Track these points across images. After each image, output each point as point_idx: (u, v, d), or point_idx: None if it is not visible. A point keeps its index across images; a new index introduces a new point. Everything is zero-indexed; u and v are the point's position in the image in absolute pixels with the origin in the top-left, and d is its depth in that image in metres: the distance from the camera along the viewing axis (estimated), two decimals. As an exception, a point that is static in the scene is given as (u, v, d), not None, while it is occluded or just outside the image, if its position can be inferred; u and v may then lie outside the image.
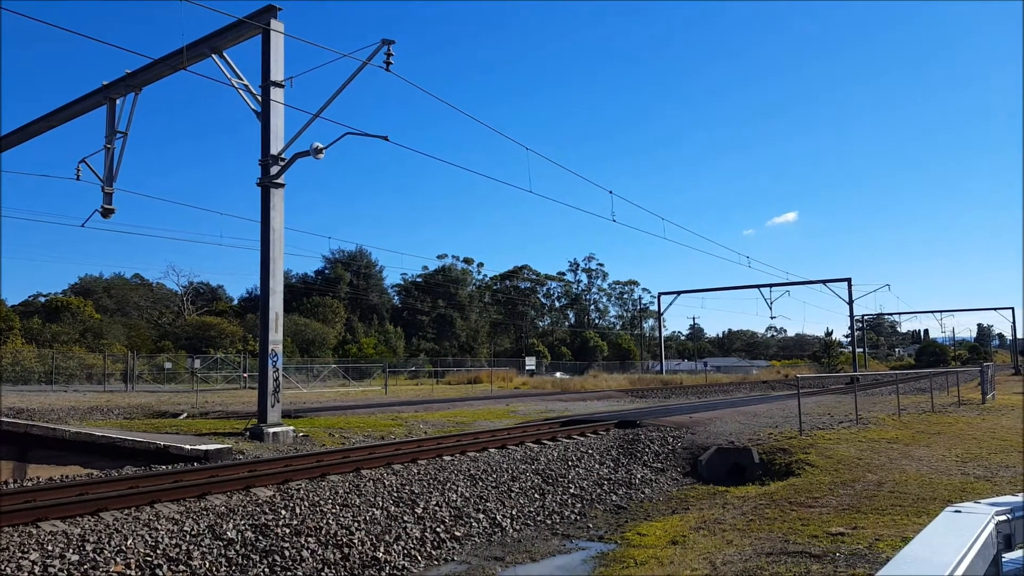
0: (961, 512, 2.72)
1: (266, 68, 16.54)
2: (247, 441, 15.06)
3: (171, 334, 54.45)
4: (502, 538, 9.96)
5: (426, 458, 12.30)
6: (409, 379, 54.18)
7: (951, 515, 2.68)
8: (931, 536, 2.37)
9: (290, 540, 8.19)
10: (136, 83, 19.03)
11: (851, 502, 9.71)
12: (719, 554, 7.59)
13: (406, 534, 9.16)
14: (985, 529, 2.49)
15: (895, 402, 22.69)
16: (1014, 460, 12.63)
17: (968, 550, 2.21)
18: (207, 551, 7.56)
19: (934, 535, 2.39)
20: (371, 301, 74.94)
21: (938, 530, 2.47)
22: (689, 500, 11.96)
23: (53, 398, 29.22)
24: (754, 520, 9.16)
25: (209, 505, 8.74)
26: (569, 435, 15.64)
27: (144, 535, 7.55)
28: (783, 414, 20.46)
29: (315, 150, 15.81)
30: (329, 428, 17.86)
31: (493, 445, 13.85)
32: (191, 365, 43.65)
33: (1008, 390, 36.26)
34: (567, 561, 8.96)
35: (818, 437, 15.50)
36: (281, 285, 16.66)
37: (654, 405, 28.23)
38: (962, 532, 2.40)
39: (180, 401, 27.88)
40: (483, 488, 11.18)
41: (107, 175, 19.31)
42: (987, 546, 2.46)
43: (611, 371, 67.81)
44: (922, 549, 2.18)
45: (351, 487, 10.10)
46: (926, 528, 2.49)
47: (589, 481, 12.88)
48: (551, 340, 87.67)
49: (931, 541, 2.30)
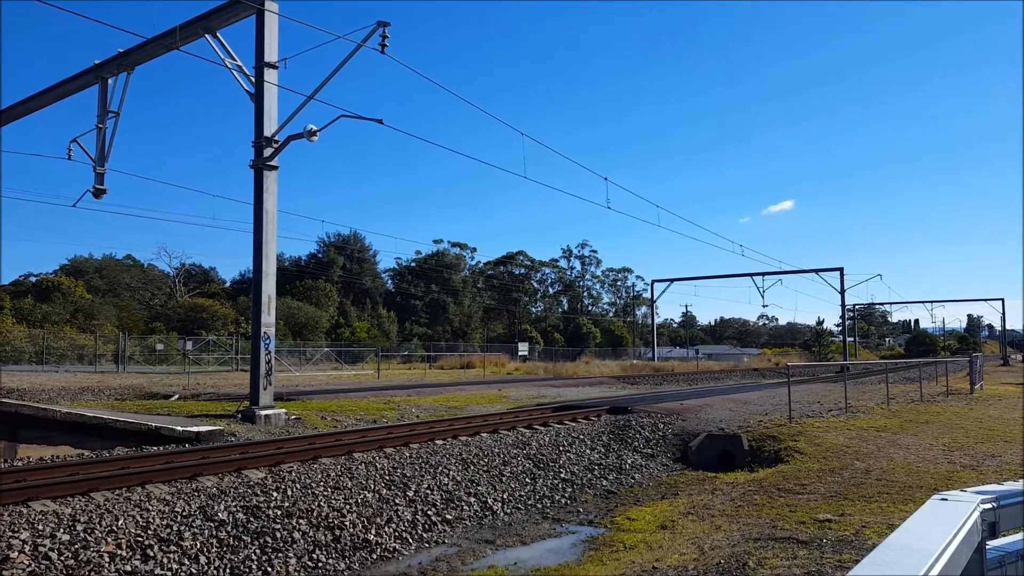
0: (947, 500, 2.74)
1: (260, 49, 16.40)
2: (239, 423, 15.07)
3: (163, 316, 54.28)
4: (493, 521, 10.02)
5: (418, 442, 12.33)
6: (402, 363, 54.21)
7: (937, 503, 2.71)
8: (917, 523, 2.40)
9: (281, 522, 8.22)
10: (128, 63, 18.85)
11: (839, 489, 9.80)
12: (707, 539, 7.65)
13: (397, 517, 9.20)
14: (970, 517, 2.52)
15: (884, 391, 22.86)
16: (1000, 449, 12.76)
17: (953, 537, 2.23)
18: (198, 532, 7.58)
19: (920, 522, 2.41)
20: (364, 285, 74.83)
21: (924, 517, 2.50)
22: (679, 486, 12.05)
23: (44, 378, 29.14)
24: (742, 506, 9.24)
25: (200, 486, 8.75)
26: (561, 420, 15.70)
27: (135, 515, 7.56)
28: (773, 402, 20.58)
29: (309, 132, 15.71)
30: (321, 411, 17.87)
31: (485, 430, 13.90)
32: (183, 347, 43.53)
33: (996, 380, 36.55)
34: (557, 544, 9.02)
35: (807, 425, 15.62)
36: (274, 268, 16.61)
37: (645, 391, 28.35)
38: (948, 520, 2.43)
39: (172, 383, 27.84)
40: (474, 472, 11.23)
41: (99, 155, 19.16)
42: (972, 533, 2.49)
43: (603, 357, 68.00)
44: (908, 536, 2.20)
45: (343, 470, 10.13)
46: (912, 515, 2.52)
47: (580, 466, 12.95)
48: (544, 326, 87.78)
49: (917, 528, 2.32)
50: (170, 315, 54.10)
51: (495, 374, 43.86)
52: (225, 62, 16.78)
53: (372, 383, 31.81)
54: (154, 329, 49.45)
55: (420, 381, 34.30)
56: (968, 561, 2.41)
